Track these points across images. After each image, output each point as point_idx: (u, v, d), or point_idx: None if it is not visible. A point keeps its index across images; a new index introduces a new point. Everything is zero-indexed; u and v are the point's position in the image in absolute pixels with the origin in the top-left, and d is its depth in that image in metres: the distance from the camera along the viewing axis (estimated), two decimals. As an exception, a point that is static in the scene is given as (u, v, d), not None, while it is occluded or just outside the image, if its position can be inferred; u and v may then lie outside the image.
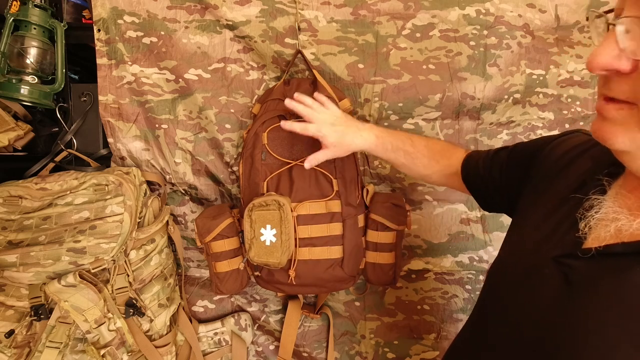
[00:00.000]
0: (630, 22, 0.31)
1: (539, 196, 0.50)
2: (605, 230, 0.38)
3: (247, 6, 0.87)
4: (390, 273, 0.87)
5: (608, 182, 0.41)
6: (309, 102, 0.75)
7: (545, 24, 0.88)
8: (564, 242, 0.41)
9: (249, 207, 0.81)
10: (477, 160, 0.67)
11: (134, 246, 0.85)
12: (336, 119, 0.74)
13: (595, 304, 0.35)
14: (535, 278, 0.42)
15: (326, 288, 0.90)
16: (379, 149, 0.74)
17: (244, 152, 0.87)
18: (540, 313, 0.40)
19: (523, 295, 0.43)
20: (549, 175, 0.51)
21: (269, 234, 0.80)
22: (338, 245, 0.84)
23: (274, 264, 0.80)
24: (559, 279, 0.39)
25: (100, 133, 0.95)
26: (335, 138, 0.73)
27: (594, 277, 0.37)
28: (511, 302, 0.44)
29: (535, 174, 0.54)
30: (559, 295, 0.39)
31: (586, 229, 0.39)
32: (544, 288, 0.40)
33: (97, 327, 0.79)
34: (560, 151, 0.52)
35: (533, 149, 0.56)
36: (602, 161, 0.44)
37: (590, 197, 0.41)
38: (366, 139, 0.73)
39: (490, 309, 0.50)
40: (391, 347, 1.04)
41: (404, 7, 0.87)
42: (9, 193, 0.81)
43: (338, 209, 0.84)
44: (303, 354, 1.06)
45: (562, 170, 0.49)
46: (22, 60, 0.86)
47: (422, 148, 0.73)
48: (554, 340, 0.37)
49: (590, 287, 0.36)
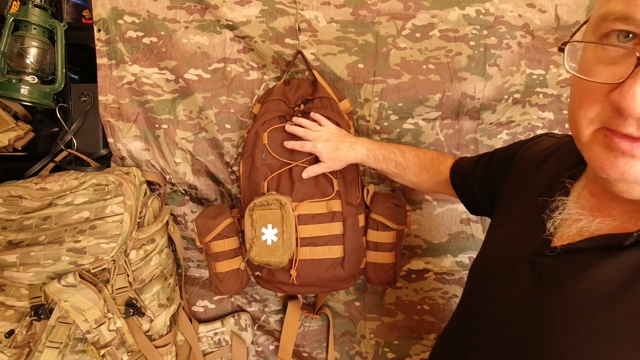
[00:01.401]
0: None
1: (514, 197, 0.54)
2: (568, 230, 0.41)
3: (247, 6, 0.87)
4: (391, 273, 0.87)
5: (570, 184, 0.44)
6: (305, 123, 0.83)
7: (545, 24, 0.88)
8: (535, 242, 0.43)
9: (250, 206, 0.81)
10: (463, 166, 0.72)
11: (134, 246, 0.85)
12: (330, 135, 0.81)
13: (562, 299, 0.38)
14: (510, 277, 0.44)
15: (327, 288, 0.90)
16: (370, 160, 0.81)
17: (245, 152, 0.87)
18: (514, 312, 0.42)
19: (499, 293, 0.45)
20: (520, 177, 0.55)
21: (271, 234, 0.80)
22: (339, 244, 0.84)
23: (276, 263, 0.80)
24: (531, 277, 0.41)
25: (100, 133, 0.95)
26: (330, 153, 0.79)
27: (560, 274, 0.39)
28: (488, 302, 0.47)
29: (510, 176, 0.57)
30: (530, 293, 0.41)
31: (552, 229, 0.42)
32: (518, 286, 0.42)
33: (97, 327, 0.79)
34: (530, 154, 0.56)
35: (509, 153, 0.61)
36: (564, 164, 0.47)
37: (556, 199, 0.43)
38: (358, 153, 0.80)
39: (470, 309, 0.52)
40: (391, 347, 1.04)
41: (404, 7, 0.87)
42: (9, 193, 0.81)
43: (339, 208, 0.84)
44: (303, 354, 1.06)
45: (531, 174, 0.52)
46: (22, 60, 0.86)
47: (413, 158, 0.79)
48: (530, 338, 0.39)
49: (557, 284, 0.39)
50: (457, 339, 0.52)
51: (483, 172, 0.66)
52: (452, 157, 0.78)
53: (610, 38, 0.32)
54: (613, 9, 0.31)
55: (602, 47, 0.33)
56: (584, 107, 0.35)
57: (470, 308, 0.52)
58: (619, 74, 0.31)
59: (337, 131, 0.82)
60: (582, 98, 0.35)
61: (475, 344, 0.47)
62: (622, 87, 0.30)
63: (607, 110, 0.33)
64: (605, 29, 0.32)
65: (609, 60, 0.33)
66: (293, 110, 0.87)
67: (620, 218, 0.37)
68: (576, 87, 0.36)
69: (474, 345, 0.47)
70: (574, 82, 0.37)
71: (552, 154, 0.52)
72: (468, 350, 0.48)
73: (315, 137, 0.80)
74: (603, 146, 0.34)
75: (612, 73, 0.32)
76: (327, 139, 0.80)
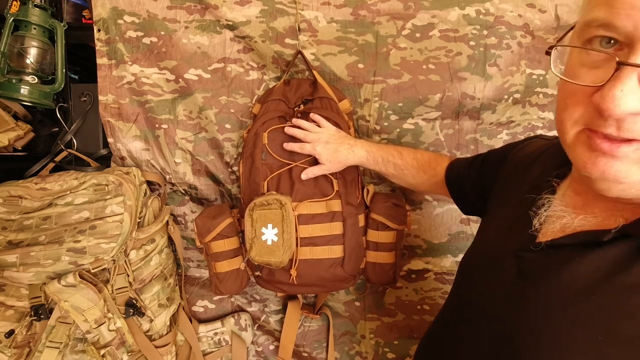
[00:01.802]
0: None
1: (504, 196, 0.56)
2: (553, 226, 0.43)
3: (247, 6, 0.87)
4: (391, 273, 0.87)
5: (557, 183, 0.47)
6: (305, 125, 0.83)
7: (545, 24, 0.88)
8: (521, 237, 0.45)
9: (250, 206, 0.81)
10: (458, 166, 0.74)
11: (134, 246, 0.85)
12: (330, 137, 0.81)
13: (543, 291, 0.40)
14: (497, 271, 0.46)
15: (327, 288, 0.90)
16: (369, 162, 0.82)
17: (244, 152, 0.87)
18: (499, 303, 0.44)
19: (486, 286, 0.47)
20: (511, 177, 0.57)
21: (271, 234, 0.80)
22: (339, 244, 0.84)
23: (276, 263, 0.80)
24: (515, 270, 0.44)
25: (100, 133, 0.95)
26: (329, 155, 0.80)
27: (543, 267, 0.41)
28: (476, 294, 0.49)
29: (501, 175, 0.60)
30: (514, 285, 0.43)
31: (537, 225, 0.44)
32: (503, 279, 0.45)
33: (97, 327, 0.79)
34: (522, 155, 0.58)
35: (502, 154, 0.63)
36: (552, 164, 0.49)
37: (542, 197, 0.46)
38: (357, 155, 0.81)
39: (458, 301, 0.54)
40: (391, 347, 1.04)
41: (404, 7, 0.87)
42: (9, 193, 0.81)
43: (339, 208, 0.84)
44: (303, 354, 1.06)
45: (521, 173, 0.55)
46: (22, 60, 0.86)
47: (411, 160, 0.81)
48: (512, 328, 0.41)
49: (540, 277, 0.41)
50: (446, 332, 0.54)
51: (477, 172, 0.68)
52: (449, 158, 0.79)
53: (593, 43, 0.34)
54: (597, 16, 0.33)
55: (586, 51, 0.35)
56: (569, 108, 0.37)
57: (459, 301, 0.54)
58: (600, 78, 0.33)
59: (337, 133, 0.83)
60: (567, 100, 0.37)
61: (463, 336, 0.48)
62: (603, 89, 0.32)
63: (590, 111, 0.34)
64: (588, 35, 0.34)
65: (592, 65, 0.34)
66: (293, 111, 0.87)
67: (601, 215, 0.39)
68: (562, 89, 0.38)
69: (462, 336, 0.48)
70: (561, 84, 0.39)
71: (542, 154, 0.54)
72: (457, 343, 0.49)
73: (315, 139, 0.81)
74: (586, 146, 0.36)
75: (594, 76, 0.34)
76: (327, 141, 0.80)
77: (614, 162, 0.34)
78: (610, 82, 0.32)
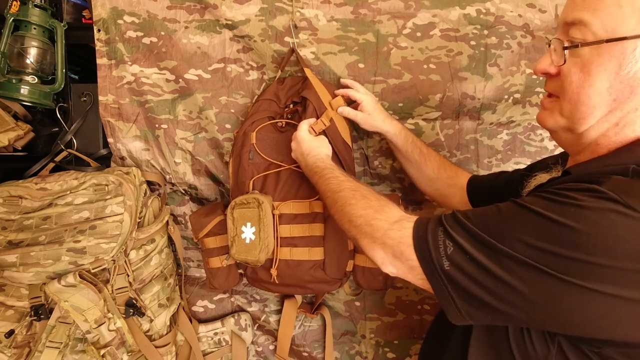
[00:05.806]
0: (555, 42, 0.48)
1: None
2: None
3: (246, 5, 0.87)
4: (380, 278, 0.84)
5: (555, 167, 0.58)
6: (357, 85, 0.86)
7: (545, 24, 0.88)
8: None
9: (231, 205, 0.81)
10: (483, 177, 0.79)
11: (134, 246, 0.85)
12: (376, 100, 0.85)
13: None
14: None
15: (309, 289, 0.87)
16: (401, 137, 0.82)
17: (234, 151, 0.87)
18: None
19: None
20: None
21: (249, 232, 0.80)
22: (319, 246, 0.82)
23: (253, 261, 0.80)
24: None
25: (100, 133, 0.95)
26: (371, 108, 0.81)
27: None
28: None
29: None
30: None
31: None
32: None
33: (97, 327, 0.79)
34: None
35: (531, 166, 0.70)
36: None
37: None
38: (393, 125, 0.82)
39: None
40: (391, 347, 1.04)
41: (405, 6, 0.87)
42: (9, 193, 0.81)
43: (321, 209, 0.82)
44: (303, 353, 1.05)
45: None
46: (22, 60, 0.86)
47: (435, 154, 0.83)
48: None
49: None
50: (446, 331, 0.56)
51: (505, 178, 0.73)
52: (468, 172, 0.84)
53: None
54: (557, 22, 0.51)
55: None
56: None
57: None
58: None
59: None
60: None
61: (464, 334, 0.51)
62: None
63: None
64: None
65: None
66: (283, 111, 0.86)
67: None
68: None
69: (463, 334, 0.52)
70: None
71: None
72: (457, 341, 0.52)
73: (363, 91, 0.83)
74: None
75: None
76: (374, 99, 0.83)
77: (544, 112, 0.51)
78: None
